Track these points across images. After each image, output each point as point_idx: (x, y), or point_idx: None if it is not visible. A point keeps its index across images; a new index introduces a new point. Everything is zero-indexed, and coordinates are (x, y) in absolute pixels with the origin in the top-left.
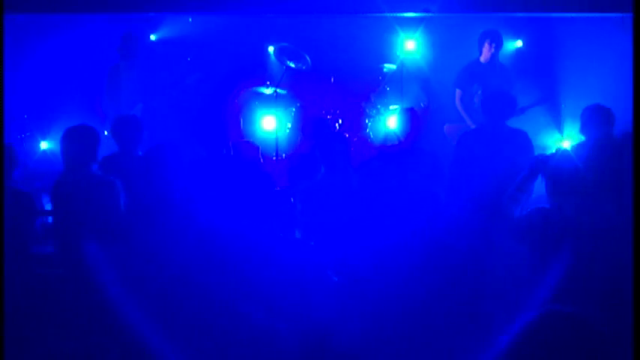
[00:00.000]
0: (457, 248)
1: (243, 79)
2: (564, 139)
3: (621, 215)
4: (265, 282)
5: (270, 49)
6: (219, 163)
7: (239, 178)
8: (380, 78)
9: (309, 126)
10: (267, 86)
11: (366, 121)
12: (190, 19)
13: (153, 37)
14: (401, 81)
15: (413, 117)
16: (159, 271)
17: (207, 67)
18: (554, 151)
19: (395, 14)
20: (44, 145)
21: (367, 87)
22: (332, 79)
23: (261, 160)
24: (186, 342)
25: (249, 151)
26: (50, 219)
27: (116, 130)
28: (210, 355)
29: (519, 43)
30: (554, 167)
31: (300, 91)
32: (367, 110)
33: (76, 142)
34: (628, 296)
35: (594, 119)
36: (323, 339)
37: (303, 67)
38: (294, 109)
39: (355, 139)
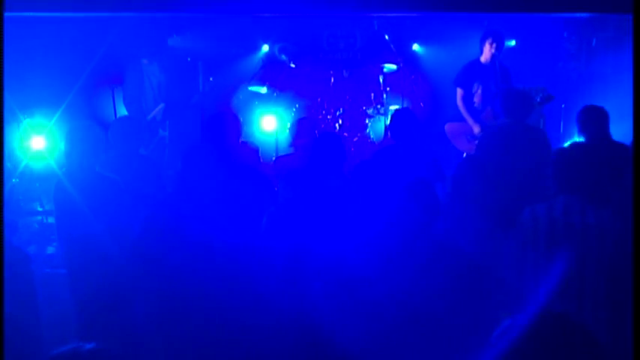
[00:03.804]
0: (461, 249)
1: (242, 79)
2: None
3: (620, 215)
4: (262, 283)
5: (266, 47)
6: (218, 164)
7: (237, 178)
8: (380, 78)
9: (308, 126)
10: (267, 86)
11: (366, 121)
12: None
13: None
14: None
15: (412, 117)
16: (158, 270)
17: (209, 68)
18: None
19: (395, 14)
20: (40, 142)
21: (367, 87)
22: (332, 79)
23: (261, 160)
24: (185, 341)
25: (248, 151)
26: (52, 219)
27: (114, 131)
28: (208, 354)
29: (513, 43)
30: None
31: (300, 91)
32: (367, 110)
33: (80, 140)
34: (628, 296)
35: (591, 120)
36: (320, 339)
37: (303, 67)
38: (294, 109)
39: (355, 139)
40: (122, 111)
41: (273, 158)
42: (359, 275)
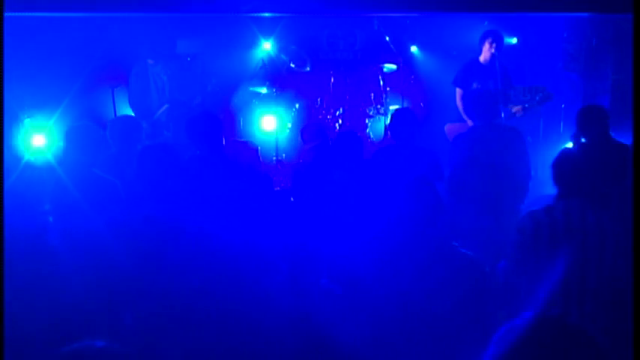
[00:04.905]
0: (457, 250)
1: (243, 79)
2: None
3: (621, 216)
4: (263, 284)
5: (267, 46)
6: (218, 164)
7: (237, 178)
8: (380, 78)
9: (308, 126)
10: (267, 86)
11: (366, 121)
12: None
13: None
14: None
15: (412, 117)
16: (157, 270)
17: (210, 68)
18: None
19: (395, 14)
20: (41, 141)
21: (367, 87)
22: (332, 79)
23: (260, 160)
24: (185, 341)
25: (248, 151)
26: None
27: (113, 130)
28: (208, 354)
29: (514, 40)
30: (556, 167)
31: (300, 91)
32: (367, 110)
33: (79, 141)
34: (628, 298)
35: (591, 120)
36: (320, 340)
37: (305, 68)
38: (294, 109)
39: None
40: (123, 111)
41: (274, 159)
42: (360, 274)
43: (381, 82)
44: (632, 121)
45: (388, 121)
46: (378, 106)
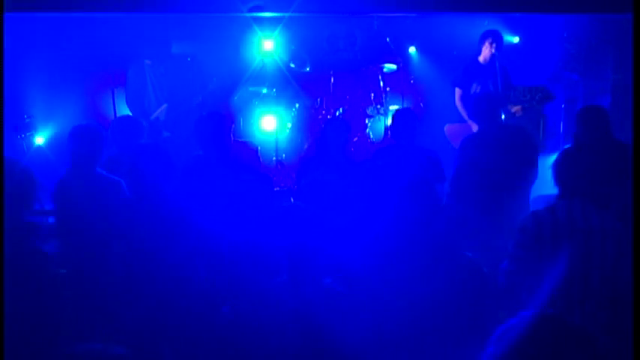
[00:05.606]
0: (455, 250)
1: (243, 79)
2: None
3: (623, 216)
4: (264, 283)
5: (269, 45)
6: (221, 164)
7: (239, 178)
8: (380, 78)
9: (309, 126)
10: (267, 86)
11: (366, 121)
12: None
13: None
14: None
15: (413, 117)
16: (159, 271)
17: (210, 68)
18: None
19: (395, 14)
20: (41, 142)
21: (367, 87)
22: (332, 79)
23: (260, 160)
24: (185, 340)
25: (248, 151)
26: (53, 218)
27: (114, 130)
28: (209, 354)
29: (516, 40)
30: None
31: (300, 91)
32: (367, 110)
33: (82, 141)
34: (628, 299)
35: (592, 120)
36: (320, 339)
37: (305, 69)
38: (294, 109)
39: (355, 139)
40: (123, 111)
41: (274, 159)
42: (359, 274)
43: (381, 82)
44: (632, 121)
45: (389, 121)
46: (378, 106)
